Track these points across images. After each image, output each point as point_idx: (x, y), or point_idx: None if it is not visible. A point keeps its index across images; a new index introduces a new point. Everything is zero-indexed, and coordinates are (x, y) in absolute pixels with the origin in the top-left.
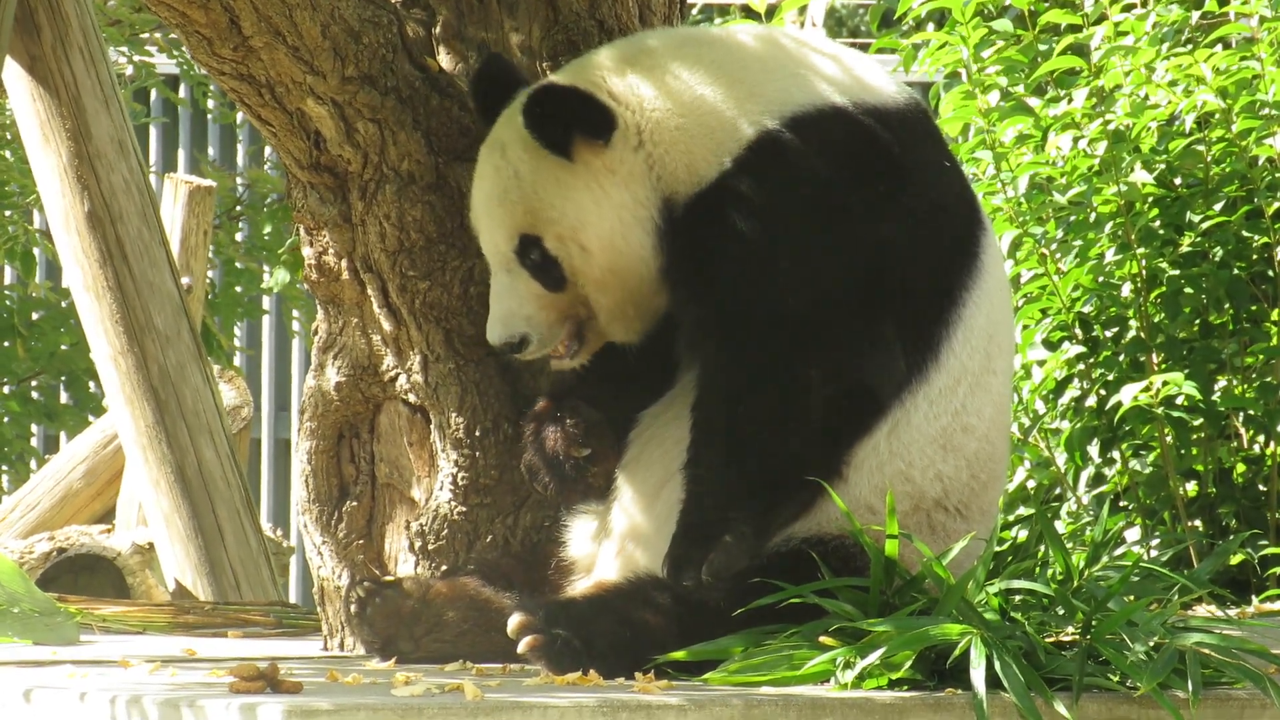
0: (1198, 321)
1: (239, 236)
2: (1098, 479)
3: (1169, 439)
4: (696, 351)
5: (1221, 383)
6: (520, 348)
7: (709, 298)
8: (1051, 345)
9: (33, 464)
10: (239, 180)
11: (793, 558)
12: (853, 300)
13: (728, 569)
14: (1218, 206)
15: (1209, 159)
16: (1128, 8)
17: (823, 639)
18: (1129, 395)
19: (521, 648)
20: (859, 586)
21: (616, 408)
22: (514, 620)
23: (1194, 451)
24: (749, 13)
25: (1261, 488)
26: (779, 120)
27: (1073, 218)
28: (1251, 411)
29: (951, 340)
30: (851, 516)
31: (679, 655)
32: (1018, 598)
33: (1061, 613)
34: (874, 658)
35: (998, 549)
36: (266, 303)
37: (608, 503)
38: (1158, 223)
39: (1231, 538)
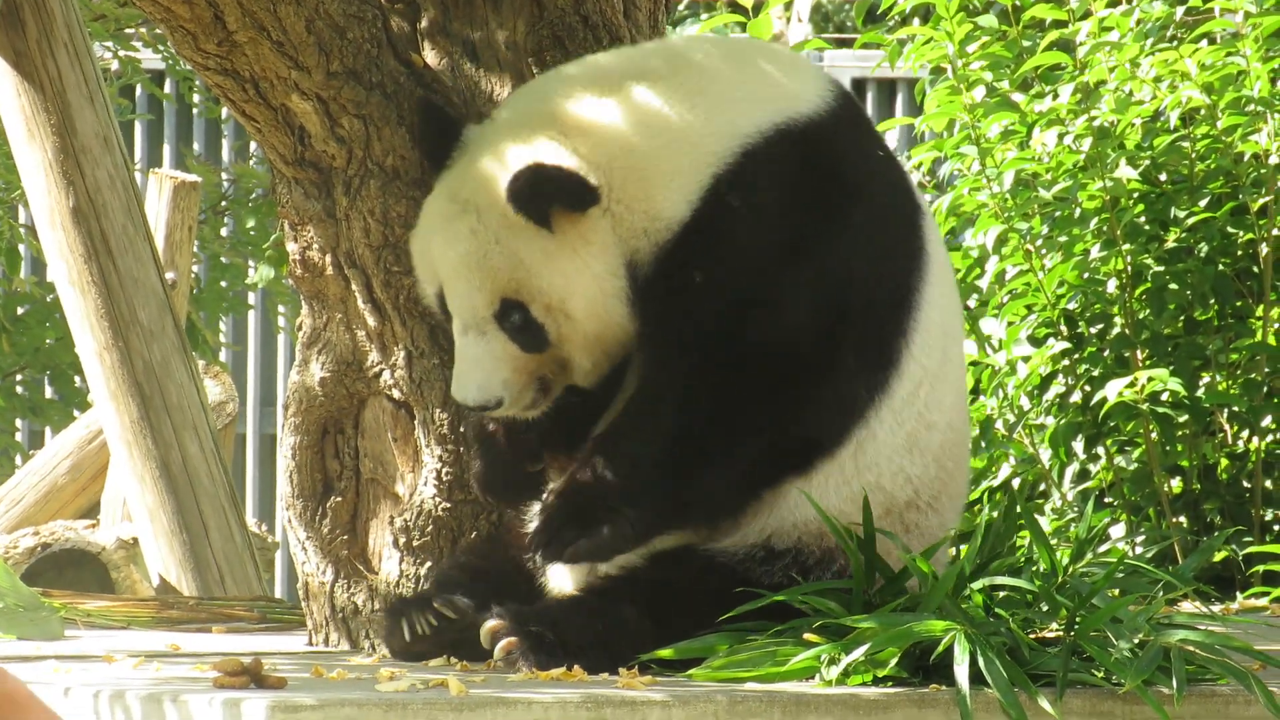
0: (1182, 317)
1: (224, 231)
2: (1082, 475)
3: (1154, 435)
4: (648, 368)
5: (1206, 379)
6: (494, 409)
7: (674, 343)
8: (1036, 341)
9: (17, 459)
10: (224, 175)
11: (743, 564)
12: (816, 337)
13: (590, 558)
14: (1203, 202)
15: (1194, 155)
16: (1113, 3)
17: (807, 636)
18: (1114, 391)
19: (498, 652)
20: (842, 588)
21: (567, 424)
22: (487, 626)
23: (1179, 448)
24: (736, 7)
25: (1246, 484)
26: (729, 162)
27: (1058, 214)
28: (1236, 408)
29: (911, 347)
30: (830, 520)
31: (666, 653)
32: (1002, 594)
33: (1046, 609)
34: (859, 654)
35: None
36: (251, 298)
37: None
38: (1143, 219)
39: (1216, 534)
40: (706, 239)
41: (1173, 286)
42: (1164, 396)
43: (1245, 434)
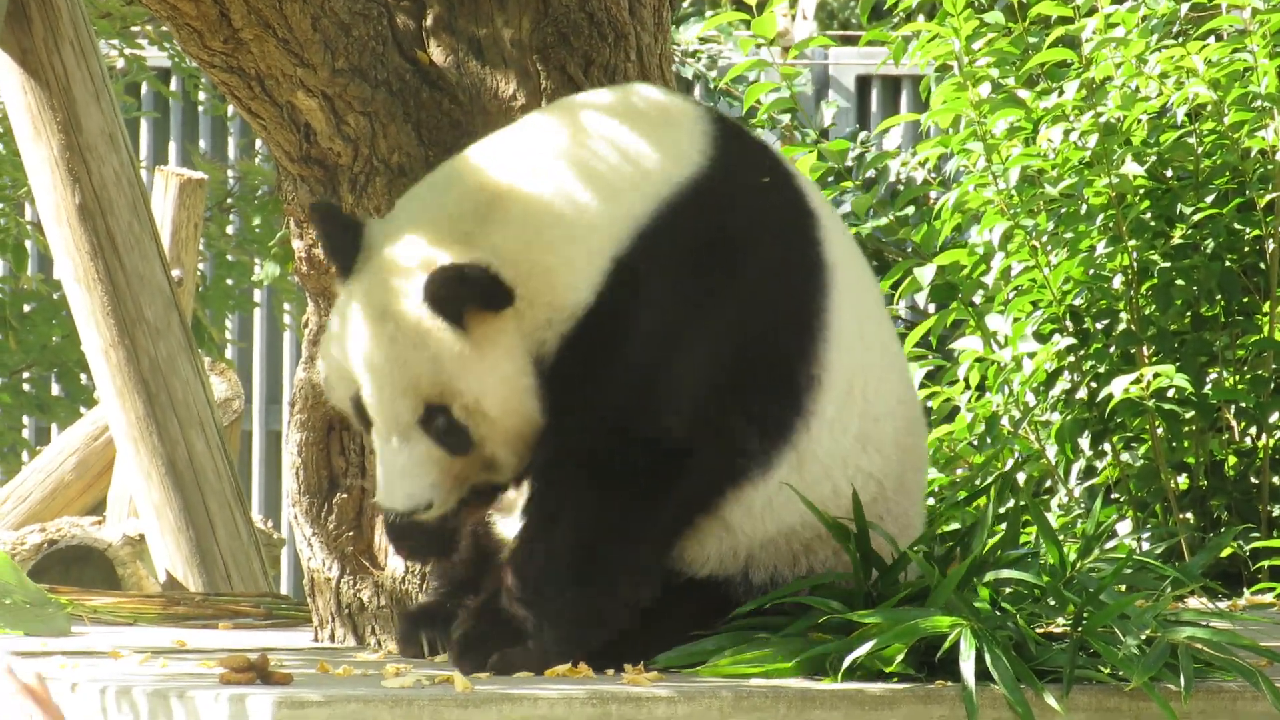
0: (1189, 314)
1: (230, 229)
2: (1089, 471)
3: (1160, 431)
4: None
5: (1213, 375)
6: (424, 512)
7: (577, 430)
8: (1042, 338)
9: (24, 456)
10: (230, 172)
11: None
12: (718, 398)
13: (509, 670)
14: (1209, 199)
15: (1200, 151)
16: (1118, 0)
17: (813, 635)
18: (1120, 388)
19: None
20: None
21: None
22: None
23: (1185, 444)
24: (740, 5)
25: (1253, 480)
26: (625, 246)
27: (1063, 210)
28: (1243, 404)
29: (828, 364)
30: (820, 514)
31: (668, 659)
32: (1008, 589)
33: (1053, 604)
34: (865, 649)
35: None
36: (257, 295)
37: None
38: (1149, 215)
39: (1223, 531)
40: (610, 321)
41: (1179, 282)
42: (1170, 393)
43: (1252, 430)
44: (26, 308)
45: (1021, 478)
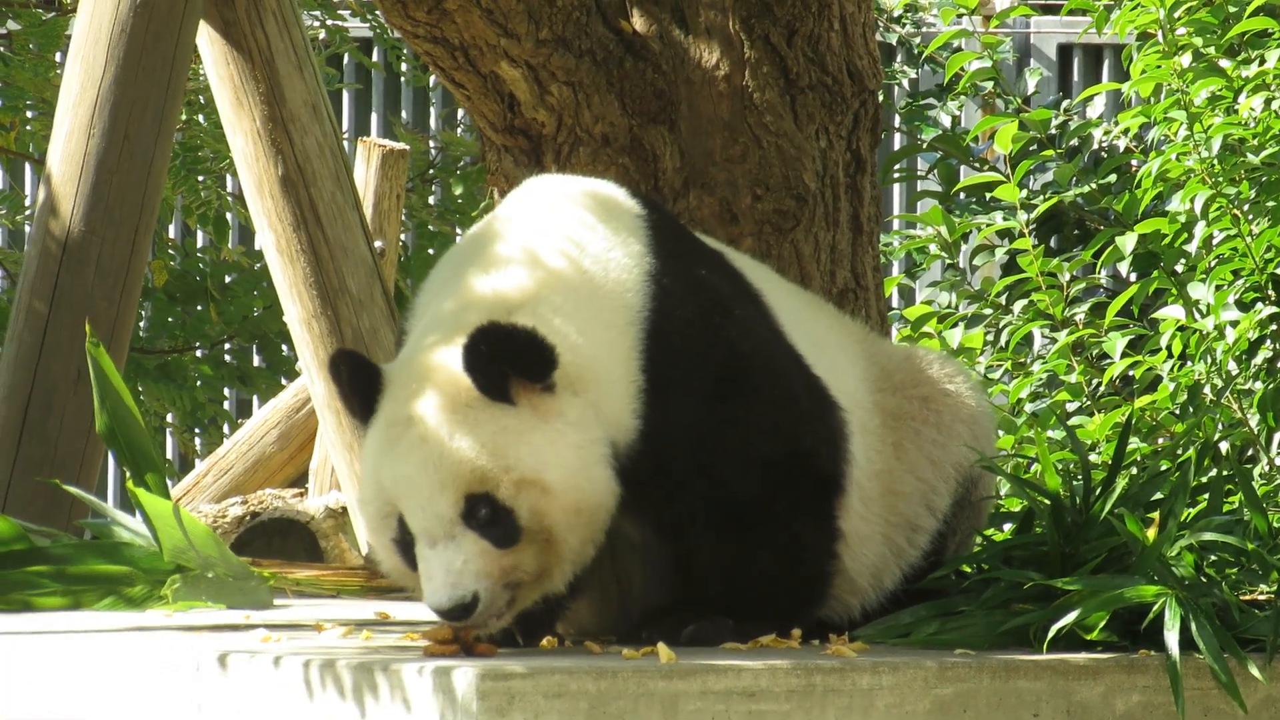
0: None
1: (432, 200)
2: None
3: None
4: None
5: None
6: (470, 609)
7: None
8: (1244, 306)
9: (225, 428)
10: (432, 143)
11: None
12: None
13: (710, 641)
14: None
15: None
16: None
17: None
18: None
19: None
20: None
21: None
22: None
23: None
24: None
25: None
26: (645, 358)
27: (1265, 179)
28: None
29: (851, 389)
30: (1012, 479)
31: (872, 631)
32: (1212, 556)
33: (1257, 570)
34: (1070, 619)
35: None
36: None
37: None
38: None
39: None
40: (666, 441)
41: None
42: None
43: None
44: (228, 279)
45: (1224, 447)
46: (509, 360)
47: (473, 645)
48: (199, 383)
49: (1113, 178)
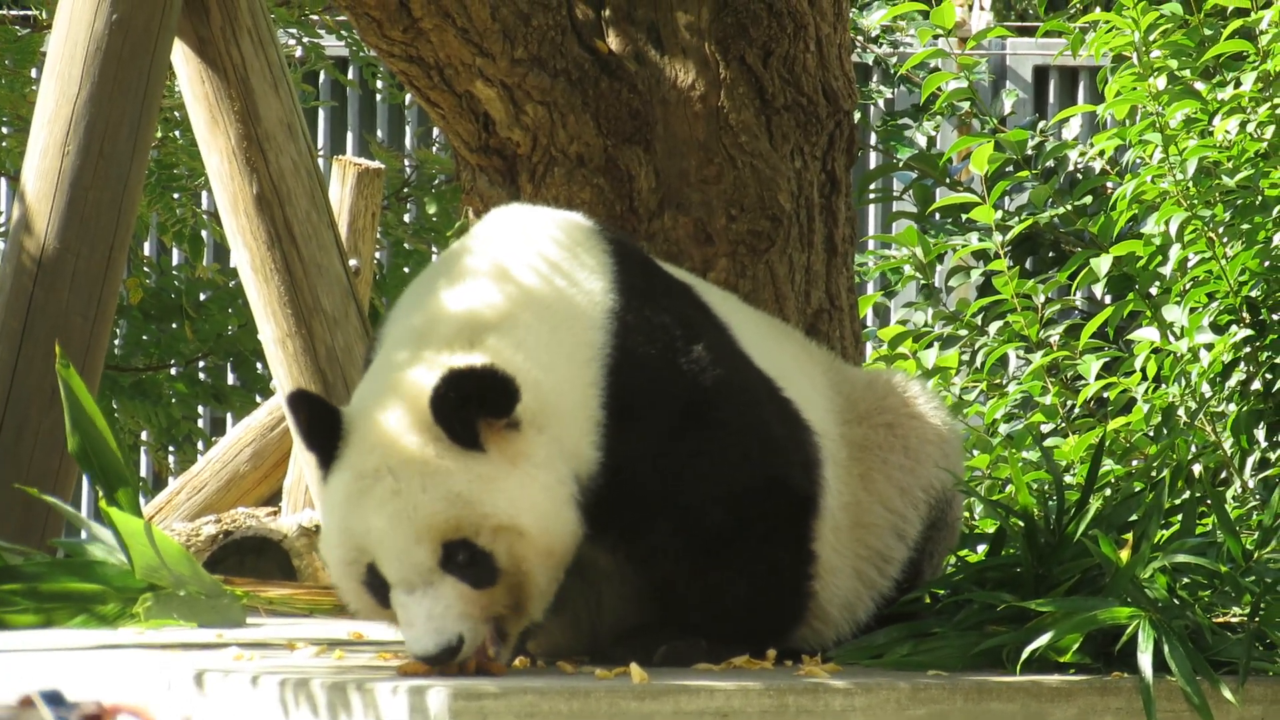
0: None
1: (407, 218)
2: (1264, 463)
3: None
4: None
5: None
6: (456, 651)
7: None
8: (1219, 329)
9: (200, 445)
10: (407, 161)
11: None
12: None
13: (682, 662)
14: None
15: None
16: None
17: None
18: None
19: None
20: (1009, 564)
21: None
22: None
23: None
24: None
25: None
26: (606, 393)
27: (1240, 201)
28: None
29: (822, 418)
30: (982, 498)
31: (845, 651)
32: (1185, 578)
33: (1230, 594)
34: (1044, 640)
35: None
36: None
37: None
38: None
39: None
40: (631, 474)
41: None
42: None
43: None
44: (203, 297)
45: (1197, 469)
46: (475, 400)
47: (487, 666)
48: (174, 400)
49: (1088, 199)
